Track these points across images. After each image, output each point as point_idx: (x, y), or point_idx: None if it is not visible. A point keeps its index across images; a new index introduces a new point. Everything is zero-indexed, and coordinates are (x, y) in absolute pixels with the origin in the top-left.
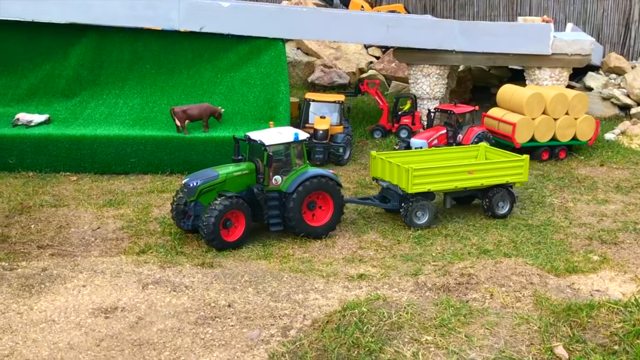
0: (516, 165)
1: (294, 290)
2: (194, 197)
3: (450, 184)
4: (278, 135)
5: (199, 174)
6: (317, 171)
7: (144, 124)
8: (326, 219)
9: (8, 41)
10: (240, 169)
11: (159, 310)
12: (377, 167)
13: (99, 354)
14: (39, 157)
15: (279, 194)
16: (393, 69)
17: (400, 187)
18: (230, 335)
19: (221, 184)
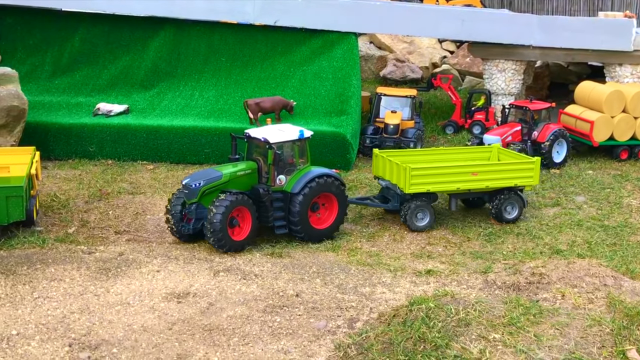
0: (526, 168)
1: (361, 283)
2: (195, 199)
3: (451, 185)
4: (282, 133)
5: (199, 174)
6: (321, 170)
7: (219, 115)
8: (330, 221)
9: (90, 33)
10: (243, 169)
11: (229, 297)
12: (379, 165)
13: (170, 337)
14: (118, 146)
15: (283, 194)
16: (467, 63)
17: (399, 186)
18: (298, 325)
19: (224, 184)
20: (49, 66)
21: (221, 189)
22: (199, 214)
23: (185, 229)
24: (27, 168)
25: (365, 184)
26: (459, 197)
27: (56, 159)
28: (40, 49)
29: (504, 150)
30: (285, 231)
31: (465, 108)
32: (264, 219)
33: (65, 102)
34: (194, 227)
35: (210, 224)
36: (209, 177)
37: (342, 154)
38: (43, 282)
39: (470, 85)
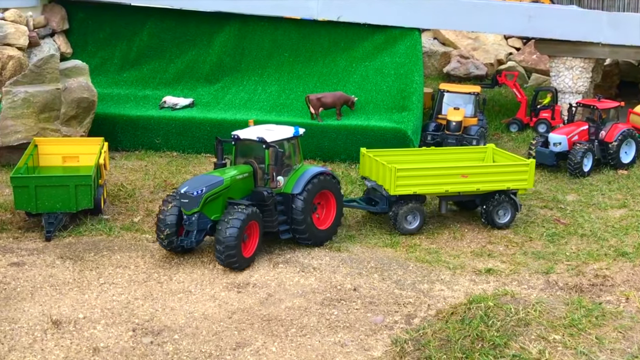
0: (519, 170)
1: (420, 279)
2: (197, 208)
3: (439, 188)
4: (274, 132)
5: (197, 181)
6: (318, 169)
7: (280, 110)
8: (329, 221)
9: (158, 28)
10: (241, 172)
11: (288, 288)
12: (366, 165)
13: (230, 325)
14: (183, 139)
15: (283, 196)
16: (534, 61)
17: (384, 187)
18: (355, 319)
19: (226, 189)
20: (118, 60)
21: (224, 195)
22: (202, 224)
23: (187, 242)
24: (95, 158)
25: None
26: (450, 199)
27: (123, 150)
28: (110, 42)
29: (499, 150)
30: (289, 236)
31: (531, 106)
32: (269, 224)
33: (133, 95)
34: (197, 239)
35: (223, 240)
36: (209, 183)
37: None
38: (109, 268)
39: (536, 82)
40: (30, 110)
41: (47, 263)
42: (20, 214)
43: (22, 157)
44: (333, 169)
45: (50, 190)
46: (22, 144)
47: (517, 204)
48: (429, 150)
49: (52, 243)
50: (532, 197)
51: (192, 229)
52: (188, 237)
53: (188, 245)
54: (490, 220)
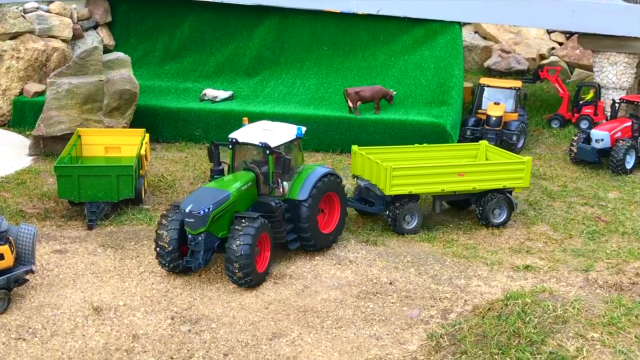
0: (516, 169)
1: (456, 275)
2: (204, 228)
3: (435, 187)
4: (277, 134)
5: (200, 196)
6: (322, 169)
7: (319, 103)
8: (334, 223)
9: (199, 21)
10: (245, 181)
11: (324, 281)
12: (358, 163)
13: (267, 315)
14: (222, 131)
15: (288, 203)
16: (577, 56)
17: (378, 187)
18: (390, 312)
19: (232, 204)
20: (159, 52)
21: (231, 210)
22: (209, 244)
23: (195, 265)
24: (137, 149)
25: None
26: (444, 198)
27: (164, 142)
28: (152, 35)
29: (492, 148)
30: (298, 245)
31: (573, 102)
32: (277, 235)
33: (173, 87)
34: (205, 260)
35: (236, 259)
36: (216, 199)
37: None
38: (149, 257)
39: (579, 78)
40: (74, 101)
41: (88, 251)
42: (64, 202)
43: (66, 147)
44: None
45: (92, 180)
46: (65, 134)
47: (513, 203)
48: (421, 147)
49: (94, 232)
50: (572, 194)
51: (199, 249)
52: (194, 258)
53: (196, 267)
54: (486, 220)
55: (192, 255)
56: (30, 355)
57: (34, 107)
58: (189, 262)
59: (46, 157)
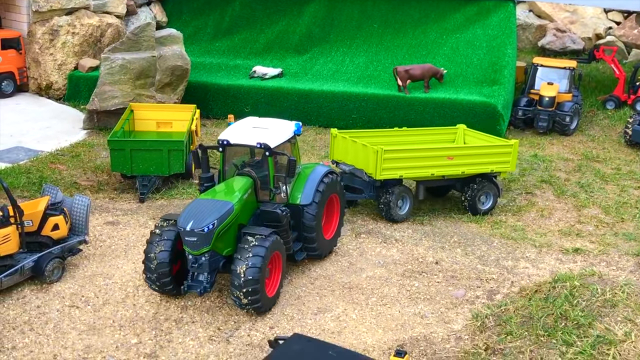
0: (503, 152)
1: (504, 256)
2: (208, 247)
3: (425, 171)
4: (274, 132)
5: (200, 210)
6: (322, 169)
7: (367, 82)
8: (333, 227)
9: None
10: (245, 189)
11: (369, 258)
12: (339, 148)
13: (312, 291)
14: (271, 108)
15: (290, 209)
16: (635, 36)
17: (366, 172)
18: (436, 291)
19: (237, 217)
20: (210, 29)
21: (235, 224)
22: (213, 264)
23: (200, 290)
24: (188, 124)
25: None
26: (428, 184)
27: (214, 118)
28: (204, 12)
29: (471, 131)
30: (304, 255)
31: (629, 83)
32: (285, 245)
33: (224, 64)
34: (210, 282)
35: (243, 283)
36: (220, 212)
37: (491, 125)
38: None
39: (636, 58)
40: (127, 76)
41: (140, 223)
42: (116, 175)
43: (119, 121)
44: None
45: (144, 154)
46: (118, 108)
47: (499, 188)
48: (399, 131)
49: (145, 204)
50: (626, 177)
51: (202, 271)
52: (198, 282)
53: (201, 292)
54: (472, 207)
55: (195, 279)
56: (83, 322)
57: (89, 81)
58: (192, 287)
59: (100, 131)
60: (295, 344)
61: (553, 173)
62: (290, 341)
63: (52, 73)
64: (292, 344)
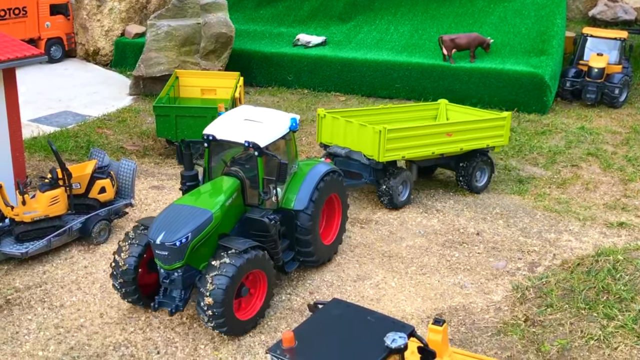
0: (497, 125)
1: (546, 228)
2: (181, 263)
3: (427, 150)
4: (266, 128)
5: (173, 218)
6: (322, 167)
7: (412, 51)
8: (334, 232)
9: None
10: (230, 194)
11: (410, 228)
12: (327, 129)
13: (352, 258)
14: (314, 76)
15: (282, 213)
16: None
17: (365, 154)
18: (476, 262)
19: (217, 226)
20: None
21: (214, 234)
22: (188, 280)
23: (171, 308)
24: (231, 92)
25: (561, 129)
26: (421, 164)
27: (257, 86)
28: None
29: (453, 105)
30: (296, 265)
31: None
32: (272, 256)
33: (268, 32)
34: (184, 299)
35: (207, 303)
36: (195, 222)
37: (538, 96)
38: None
39: None
40: (172, 43)
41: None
42: (161, 141)
43: (164, 88)
44: None
45: (189, 121)
46: (164, 75)
47: (493, 164)
48: (381, 109)
49: None
50: None
51: (175, 288)
52: (170, 299)
53: (173, 311)
54: (469, 185)
55: (167, 295)
56: None
57: (135, 48)
58: (162, 304)
59: (145, 97)
60: (334, 309)
61: (600, 146)
62: (329, 305)
63: (99, 39)
64: (331, 309)
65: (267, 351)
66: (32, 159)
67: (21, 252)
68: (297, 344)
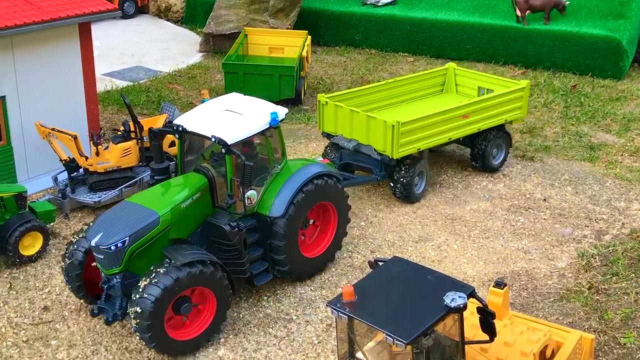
0: (515, 97)
1: (616, 197)
2: (119, 268)
3: (443, 137)
4: (242, 122)
5: (112, 220)
6: (313, 168)
7: (484, 11)
8: (324, 245)
9: None
10: (190, 194)
11: (474, 192)
12: (330, 116)
13: (414, 219)
14: (382, 36)
15: (257, 218)
16: None
17: (376, 149)
18: (541, 228)
19: (165, 231)
20: None
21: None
22: (129, 287)
23: (108, 316)
24: (299, 51)
25: (637, 96)
26: (433, 147)
27: (325, 45)
28: None
29: (462, 70)
30: (269, 278)
31: None
32: (236, 267)
33: None
34: (121, 307)
35: (135, 311)
36: (135, 227)
37: (614, 61)
38: (305, 155)
39: None
40: (242, 1)
41: None
42: None
43: (233, 45)
44: (535, 76)
45: (257, 78)
46: (233, 33)
47: (510, 139)
48: (384, 85)
49: None
50: None
51: (114, 294)
52: (110, 305)
53: (109, 321)
54: (485, 164)
55: (108, 301)
56: None
57: (205, 5)
58: (102, 310)
59: (215, 54)
60: (394, 266)
61: None
62: (389, 263)
63: None
64: (391, 266)
65: (327, 304)
66: (106, 111)
67: (94, 200)
68: (357, 298)
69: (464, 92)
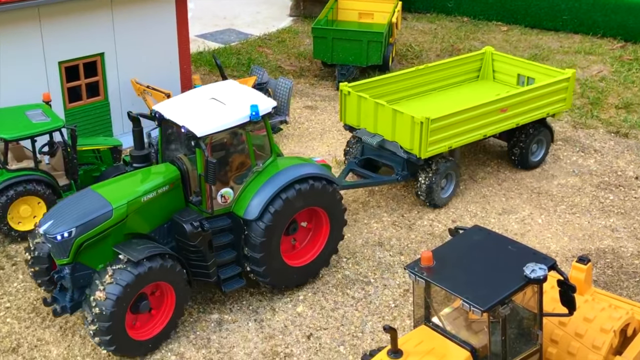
0: (560, 88)
1: None
2: (67, 259)
3: (477, 134)
4: (220, 113)
5: (65, 209)
6: (302, 169)
7: None
8: (313, 253)
9: None
10: (156, 184)
11: (563, 167)
12: (352, 108)
13: (499, 192)
14: (475, 3)
15: (233, 219)
16: None
17: (403, 147)
18: (631, 206)
19: (120, 224)
20: None
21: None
22: (79, 280)
23: (57, 308)
24: (388, 17)
25: None
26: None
27: (416, 12)
28: None
29: (500, 55)
30: (242, 284)
31: None
32: (200, 270)
33: None
34: (71, 299)
35: (93, 315)
36: (84, 218)
37: None
38: None
39: None
40: None
41: (336, 110)
42: (317, 62)
43: (323, 10)
44: (635, 50)
45: (345, 44)
46: None
47: (552, 133)
48: (414, 72)
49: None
50: None
51: (66, 285)
52: (61, 296)
53: (58, 312)
54: (524, 160)
55: (61, 291)
56: None
57: None
58: (55, 300)
59: (305, 19)
60: (475, 234)
61: None
62: (470, 231)
63: None
64: (471, 234)
65: (405, 267)
66: (197, 72)
67: None
68: (435, 263)
69: (502, 80)
